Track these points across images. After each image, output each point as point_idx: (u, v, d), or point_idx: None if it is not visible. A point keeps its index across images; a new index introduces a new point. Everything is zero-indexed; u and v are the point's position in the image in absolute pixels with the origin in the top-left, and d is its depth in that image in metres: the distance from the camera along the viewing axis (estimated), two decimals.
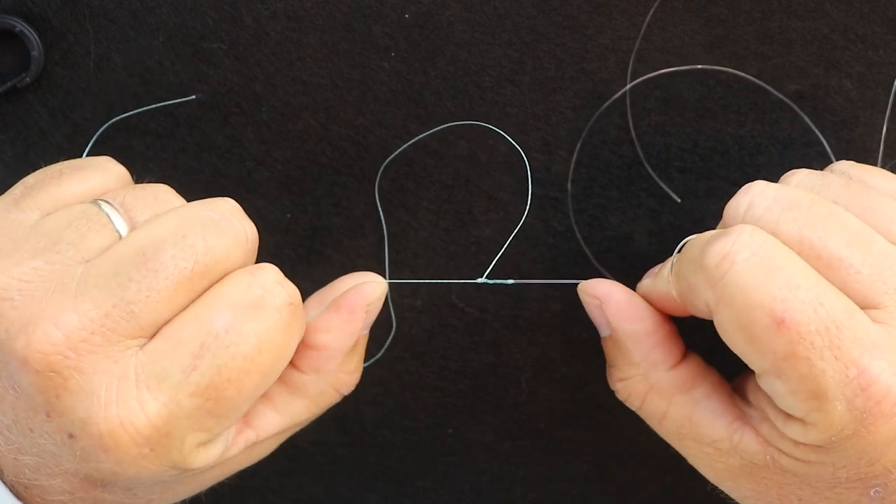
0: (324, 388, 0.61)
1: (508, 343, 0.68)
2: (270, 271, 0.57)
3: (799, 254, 0.55)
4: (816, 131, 0.65)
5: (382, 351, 0.68)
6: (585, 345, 0.68)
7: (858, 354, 0.54)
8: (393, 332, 0.68)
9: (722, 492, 0.63)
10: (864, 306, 0.55)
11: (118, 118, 0.65)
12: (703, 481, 0.64)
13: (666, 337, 0.61)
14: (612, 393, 0.69)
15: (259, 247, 0.59)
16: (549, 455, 0.71)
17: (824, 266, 0.55)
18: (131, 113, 0.65)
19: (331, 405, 0.63)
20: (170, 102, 0.65)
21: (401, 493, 0.72)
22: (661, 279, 0.60)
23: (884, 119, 0.65)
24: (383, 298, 0.62)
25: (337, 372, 0.61)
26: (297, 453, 0.71)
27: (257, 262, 0.59)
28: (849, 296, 0.55)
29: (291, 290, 0.57)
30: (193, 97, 0.65)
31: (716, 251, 0.55)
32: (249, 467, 0.63)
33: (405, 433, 0.70)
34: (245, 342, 0.56)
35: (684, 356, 0.61)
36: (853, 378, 0.54)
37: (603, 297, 0.61)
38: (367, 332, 0.62)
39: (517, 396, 0.69)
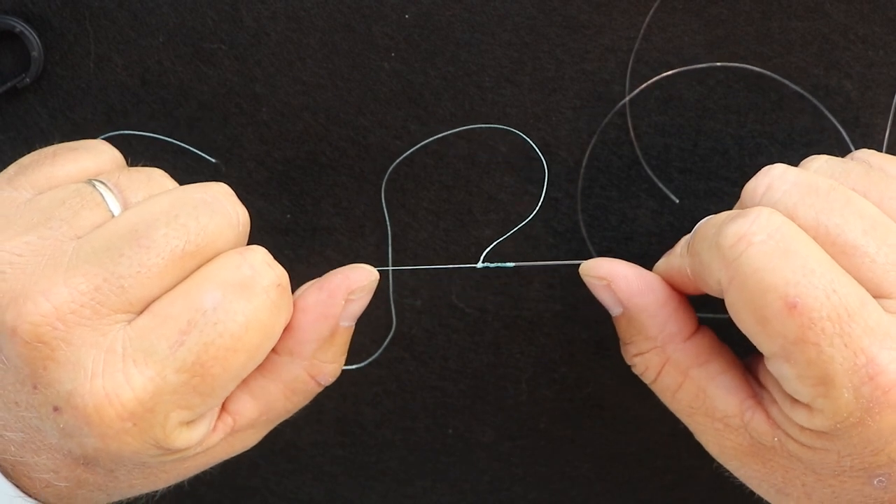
0: (297, 372, 0.61)
1: (508, 343, 0.68)
2: (260, 252, 0.58)
3: (815, 239, 0.56)
4: (836, 123, 0.65)
5: (381, 351, 0.68)
6: (585, 345, 0.68)
7: (868, 343, 0.54)
8: (392, 332, 0.68)
9: (723, 480, 0.63)
10: (877, 295, 0.55)
11: (130, 132, 0.65)
12: (702, 481, 0.64)
13: (678, 307, 0.61)
14: (612, 393, 0.69)
15: (258, 246, 0.59)
16: (549, 455, 0.71)
17: (839, 253, 0.55)
18: (146, 134, 0.65)
19: (309, 395, 0.62)
20: (195, 150, 0.66)
21: (401, 493, 0.72)
22: (675, 256, 0.61)
23: (883, 119, 0.65)
24: (370, 290, 0.61)
25: (311, 358, 0.61)
26: (297, 453, 0.71)
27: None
28: (862, 284, 0.55)
29: (280, 272, 0.58)
30: (214, 161, 0.66)
31: (732, 231, 0.55)
32: (249, 467, 0.63)
33: (405, 433, 0.70)
34: (233, 320, 0.56)
35: (698, 328, 0.61)
36: (861, 366, 0.54)
37: (609, 275, 0.61)
38: (348, 324, 0.61)
39: (517, 396, 0.69)
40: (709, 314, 0.62)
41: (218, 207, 0.58)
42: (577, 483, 0.71)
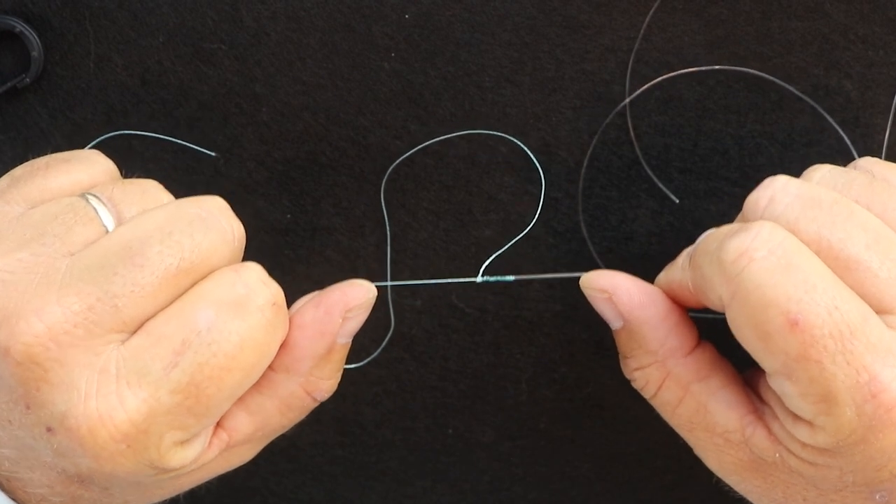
0: (294, 389, 0.60)
1: (508, 343, 0.68)
2: (255, 270, 0.57)
3: (817, 253, 0.55)
4: (835, 125, 0.65)
5: (380, 351, 0.68)
6: (585, 345, 0.68)
7: (871, 360, 0.53)
8: (391, 332, 0.68)
9: (723, 489, 0.63)
10: (880, 311, 0.55)
11: (129, 133, 0.65)
12: (702, 481, 0.64)
13: (679, 321, 0.60)
14: (612, 393, 0.69)
15: (259, 247, 0.59)
16: (549, 455, 0.71)
17: (842, 268, 0.55)
18: (146, 134, 0.65)
19: (306, 410, 0.62)
20: (194, 146, 0.66)
21: (401, 493, 0.72)
22: (676, 269, 0.60)
23: (883, 119, 0.65)
24: (368, 308, 0.61)
25: (308, 374, 0.60)
26: (297, 454, 0.71)
27: (257, 262, 0.59)
28: (865, 299, 0.55)
29: (275, 290, 0.57)
30: (214, 154, 0.65)
31: (734, 246, 0.55)
32: (250, 468, 0.63)
33: (405, 433, 0.70)
34: (227, 340, 0.55)
35: (699, 342, 0.61)
36: (864, 384, 0.53)
37: (610, 287, 0.60)
38: (345, 342, 0.61)
39: (517, 396, 0.69)
40: (709, 314, 0.62)
41: (212, 223, 0.57)
42: (577, 483, 0.71)
